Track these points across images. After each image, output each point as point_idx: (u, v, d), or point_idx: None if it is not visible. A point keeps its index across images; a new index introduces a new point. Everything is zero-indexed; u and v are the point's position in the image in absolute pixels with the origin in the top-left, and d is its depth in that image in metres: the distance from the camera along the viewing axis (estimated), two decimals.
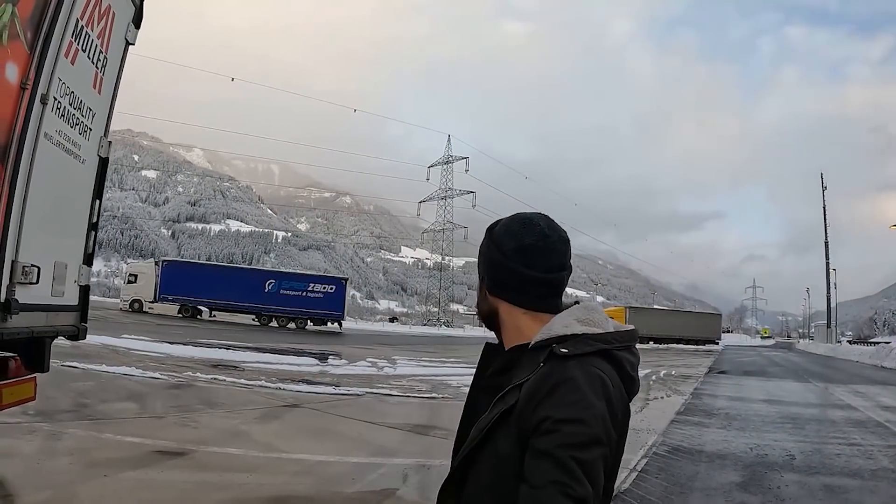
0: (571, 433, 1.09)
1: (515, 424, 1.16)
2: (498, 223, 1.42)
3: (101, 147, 4.59)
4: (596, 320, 1.29)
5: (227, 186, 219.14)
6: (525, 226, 1.36)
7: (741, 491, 5.93)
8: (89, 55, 4.18)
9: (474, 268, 1.45)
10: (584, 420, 1.10)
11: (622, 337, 1.28)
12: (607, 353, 1.24)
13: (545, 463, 1.08)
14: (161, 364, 11.75)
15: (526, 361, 1.25)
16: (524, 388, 1.18)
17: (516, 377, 1.23)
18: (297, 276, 48.91)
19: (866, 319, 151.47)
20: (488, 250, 1.40)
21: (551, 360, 1.20)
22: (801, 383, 19.92)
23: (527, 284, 1.33)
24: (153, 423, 6.58)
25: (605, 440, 1.12)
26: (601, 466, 1.10)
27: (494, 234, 1.40)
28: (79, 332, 4.49)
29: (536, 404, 1.14)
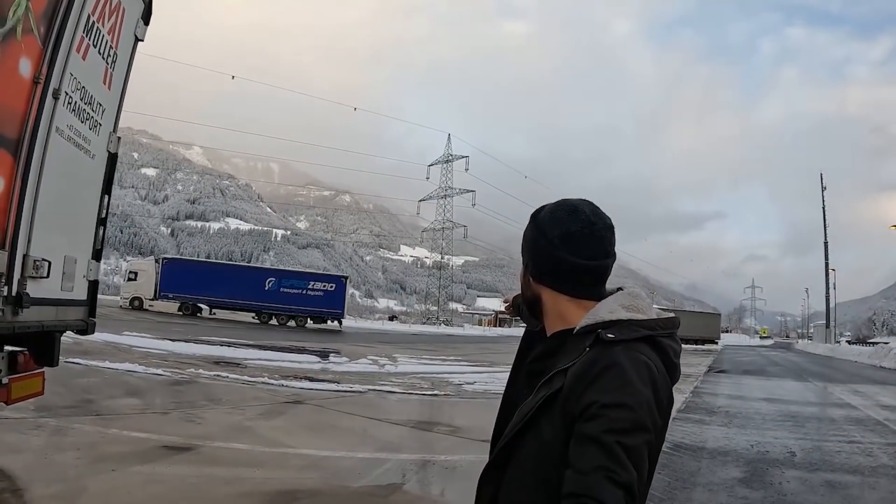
0: (617, 418, 1.09)
1: (560, 409, 1.16)
2: (542, 209, 1.42)
3: (110, 142, 4.61)
4: (640, 307, 1.30)
5: (226, 184, 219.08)
6: (571, 213, 1.35)
7: (743, 486, 5.97)
8: (100, 50, 4.20)
9: (474, 267, 1.45)
10: (629, 405, 1.11)
11: (666, 324, 1.29)
12: (652, 340, 1.25)
13: (591, 448, 1.08)
14: (163, 361, 11.77)
15: (570, 347, 1.26)
16: (570, 372, 1.18)
17: (560, 362, 1.23)
18: (298, 274, 48.83)
19: (865, 320, 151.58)
20: (533, 237, 1.40)
21: (597, 345, 1.20)
22: (801, 382, 19.94)
23: (571, 271, 1.33)
24: (158, 418, 6.60)
25: (651, 426, 1.13)
26: (646, 452, 1.11)
27: (539, 221, 1.40)
28: (87, 326, 4.53)
29: (583, 389, 1.14)
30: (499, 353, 25.76)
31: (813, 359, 40.76)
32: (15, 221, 3.46)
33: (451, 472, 5.85)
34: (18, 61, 3.34)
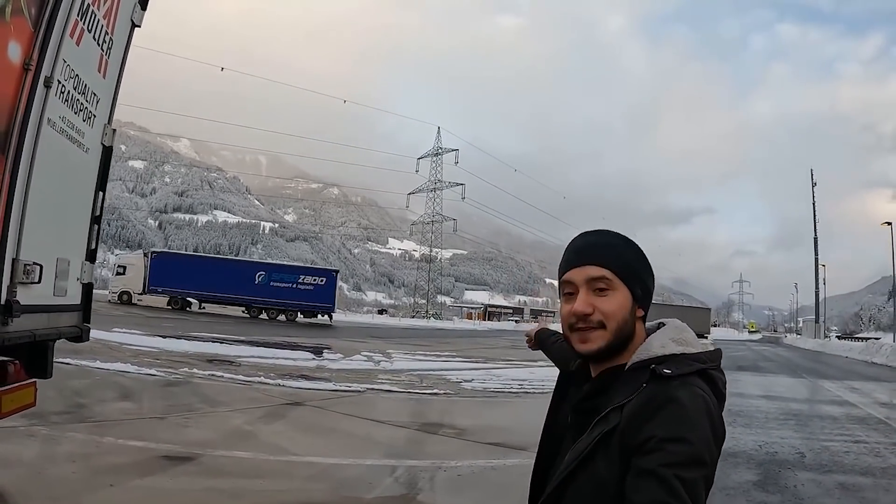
0: (676, 452, 1.07)
1: (617, 445, 1.14)
2: (616, 234, 1.36)
3: (104, 135, 4.32)
4: (688, 340, 1.27)
5: (214, 177, 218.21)
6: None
7: (759, 490, 5.86)
8: (95, 36, 3.91)
9: (462, 260, 1.23)
10: (688, 440, 1.08)
11: (714, 356, 1.27)
12: (704, 373, 1.22)
13: (649, 482, 1.06)
14: (155, 359, 11.49)
15: (623, 383, 1.22)
16: (627, 408, 1.16)
17: (614, 399, 1.20)
18: (288, 267, 48.62)
19: (852, 315, 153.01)
20: (641, 258, 1.34)
21: (654, 380, 1.18)
22: (796, 379, 19.90)
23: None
24: (155, 424, 6.31)
25: (709, 460, 1.10)
26: (703, 486, 1.08)
27: (633, 242, 1.36)
28: (82, 333, 4.24)
29: (640, 424, 1.12)
30: (492, 349, 25.65)
31: (803, 354, 40.99)
32: (3, 222, 3.16)
33: (464, 480, 5.62)
34: (7, 45, 3.05)
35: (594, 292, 1.26)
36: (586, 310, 1.25)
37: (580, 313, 1.25)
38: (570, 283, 1.29)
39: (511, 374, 14.86)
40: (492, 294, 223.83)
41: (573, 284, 1.29)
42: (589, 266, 1.28)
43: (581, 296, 1.26)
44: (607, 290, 1.26)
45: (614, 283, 1.27)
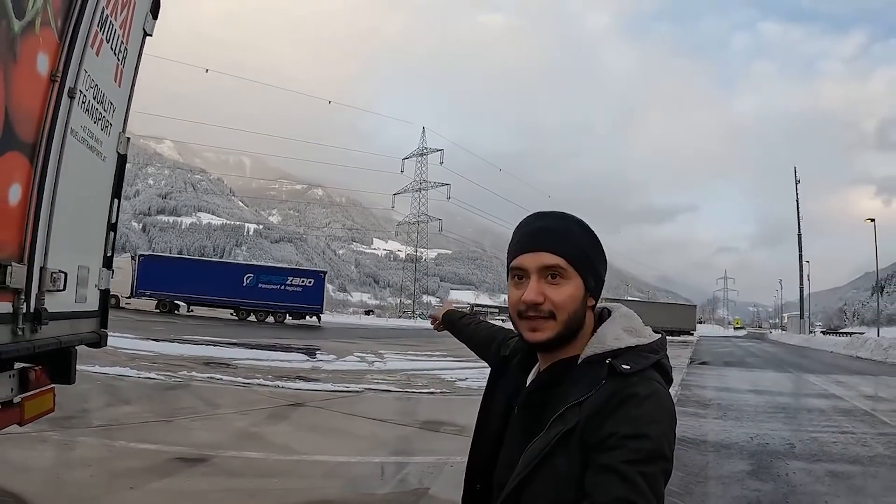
0: (638, 448, 1.06)
1: (578, 443, 1.11)
2: (574, 217, 1.30)
3: (119, 143, 4.41)
4: (639, 329, 1.26)
5: (197, 179, 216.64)
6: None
7: (753, 478, 6.09)
8: (112, 46, 3.99)
9: (447, 259, 1.30)
10: (649, 435, 1.07)
11: (662, 345, 1.26)
12: (658, 364, 1.20)
13: (611, 479, 1.04)
14: (153, 363, 11.49)
15: (578, 377, 1.19)
16: (586, 405, 1.13)
17: (570, 394, 1.16)
18: (276, 269, 48.46)
19: (836, 310, 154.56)
20: (596, 244, 1.29)
21: (613, 376, 1.15)
22: (783, 373, 20.29)
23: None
24: (163, 427, 6.38)
25: (669, 453, 1.10)
26: (663, 479, 1.08)
27: (589, 228, 1.30)
28: (100, 338, 4.31)
29: (602, 421, 1.10)
30: None
31: (789, 349, 41.56)
32: (32, 231, 3.25)
33: None
34: (36, 57, 3.13)
35: (546, 280, 1.21)
36: (537, 299, 1.20)
37: (531, 302, 1.20)
38: (521, 268, 1.23)
39: None
40: (477, 293, 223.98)
41: (524, 270, 1.23)
42: (543, 252, 1.22)
43: (532, 284, 1.21)
44: (560, 280, 1.21)
45: (568, 273, 1.22)
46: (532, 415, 1.22)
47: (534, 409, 1.23)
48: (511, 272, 1.25)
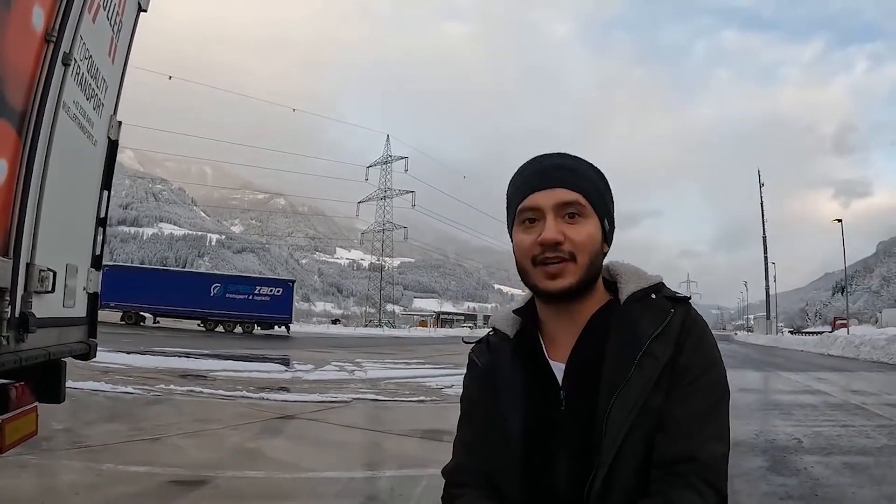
0: (718, 376, 1.11)
1: (668, 375, 1.08)
2: (584, 159, 1.21)
3: (111, 127, 3.93)
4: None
5: (159, 189, 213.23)
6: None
7: (775, 474, 5.94)
8: (108, 15, 3.53)
9: (410, 268, 1.06)
10: (719, 362, 1.14)
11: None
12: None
13: (703, 407, 1.07)
14: (127, 377, 10.83)
15: (642, 311, 1.14)
16: (666, 336, 1.10)
17: (643, 328, 1.11)
18: (244, 279, 47.66)
19: (798, 310, 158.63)
20: (608, 186, 1.22)
21: (678, 304, 1.15)
22: (762, 373, 20.31)
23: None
24: (151, 446, 5.78)
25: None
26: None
27: (599, 169, 1.23)
28: (89, 349, 3.78)
29: (683, 350, 1.09)
30: (457, 354, 25.32)
31: (759, 350, 42.20)
32: (18, 220, 2.73)
33: None
34: (31, 10, 2.65)
35: (563, 219, 1.12)
36: (558, 237, 1.10)
37: (550, 241, 1.10)
38: (535, 208, 1.13)
39: None
40: (441, 301, 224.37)
41: (538, 210, 1.13)
42: (559, 189, 1.13)
43: (550, 223, 1.11)
44: (578, 219, 1.13)
45: (586, 211, 1.13)
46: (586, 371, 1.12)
47: (586, 365, 1.13)
48: (519, 215, 1.16)
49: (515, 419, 1.17)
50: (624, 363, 1.09)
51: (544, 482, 1.15)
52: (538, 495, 1.15)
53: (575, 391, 1.14)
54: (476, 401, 1.26)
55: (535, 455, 1.15)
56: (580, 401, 1.12)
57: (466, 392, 1.32)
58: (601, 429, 1.07)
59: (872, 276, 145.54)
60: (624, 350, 1.10)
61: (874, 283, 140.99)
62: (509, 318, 1.28)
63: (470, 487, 1.23)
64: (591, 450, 1.09)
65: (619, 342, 1.12)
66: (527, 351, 1.22)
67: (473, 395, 1.28)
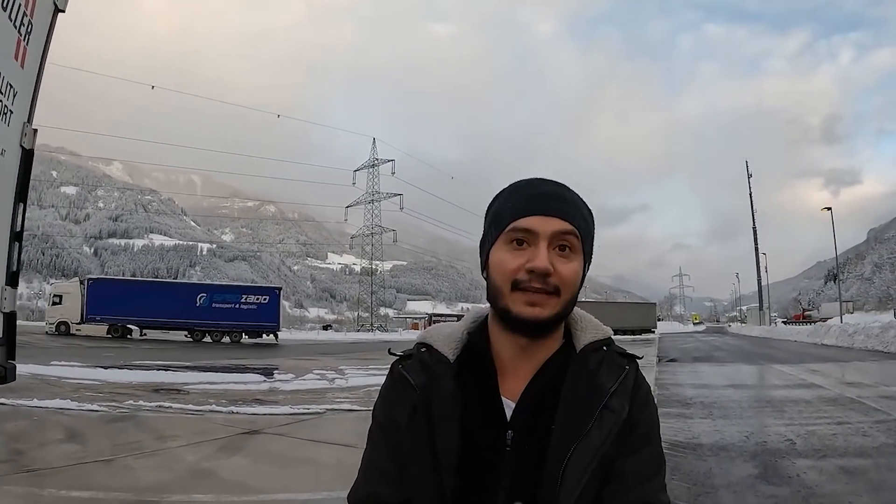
0: (658, 432, 1.18)
1: (619, 430, 1.10)
2: (579, 196, 1.18)
3: (24, 135, 3.66)
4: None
5: (148, 200, 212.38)
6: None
7: (765, 483, 5.61)
8: (10, 15, 3.27)
9: (402, 271, 0.96)
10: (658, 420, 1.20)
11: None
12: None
13: (655, 465, 1.13)
14: (98, 393, 10.48)
15: (598, 364, 1.15)
16: (621, 392, 1.12)
17: (599, 382, 1.12)
18: (229, 287, 47.32)
19: (790, 300, 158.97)
20: (593, 230, 1.19)
21: (632, 361, 1.19)
22: (755, 366, 20.19)
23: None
24: (101, 468, 5.45)
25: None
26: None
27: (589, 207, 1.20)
28: (6, 372, 3.53)
29: (641, 409, 1.14)
30: None
31: (753, 341, 42.06)
32: None
33: None
34: None
35: (554, 250, 1.09)
36: (549, 268, 1.07)
37: (542, 270, 1.06)
38: (529, 231, 1.09)
39: None
40: (434, 303, 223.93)
41: (532, 234, 1.09)
42: (557, 219, 1.10)
43: (542, 251, 1.07)
44: (569, 253, 1.10)
45: (576, 248, 1.11)
46: (541, 413, 1.10)
47: (539, 410, 1.11)
48: (508, 234, 1.11)
49: (449, 453, 1.09)
50: (583, 414, 1.09)
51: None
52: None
53: (524, 432, 1.11)
54: (401, 424, 1.15)
55: (470, 495, 1.09)
56: (528, 444, 1.10)
57: (386, 411, 1.20)
58: (555, 477, 1.05)
59: (864, 264, 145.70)
60: (582, 400, 1.10)
61: (866, 270, 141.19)
62: (453, 339, 1.20)
63: None
64: (537, 497, 1.07)
65: (576, 390, 1.11)
66: (472, 379, 1.15)
67: (396, 416, 1.16)
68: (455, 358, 1.17)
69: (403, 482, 1.14)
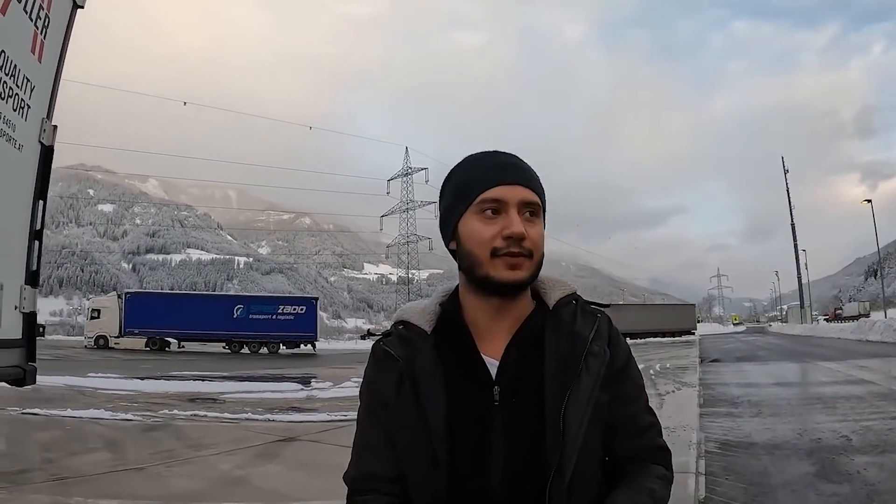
0: (638, 372, 1.29)
1: (605, 372, 1.18)
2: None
3: (43, 131, 3.57)
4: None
5: (184, 215, 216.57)
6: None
7: (824, 481, 5.29)
8: (25, 8, 3.17)
9: (439, 279, 0.84)
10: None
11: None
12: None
13: (642, 401, 1.25)
14: (133, 403, 10.49)
15: (572, 315, 1.22)
16: (600, 337, 1.20)
17: (579, 331, 1.20)
18: (266, 299, 47.77)
19: (831, 298, 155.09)
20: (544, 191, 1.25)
21: (602, 309, 1.27)
22: (800, 363, 19.60)
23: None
24: (131, 476, 5.34)
25: None
26: None
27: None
28: (25, 374, 3.41)
29: (617, 351, 1.22)
30: None
31: (795, 340, 40.96)
32: None
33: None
34: None
35: (523, 216, 1.15)
36: (524, 233, 1.13)
37: (519, 235, 1.13)
38: (499, 200, 1.15)
39: None
40: None
41: (503, 203, 1.15)
42: (521, 187, 1.17)
43: (515, 217, 1.14)
44: (535, 219, 1.18)
45: (540, 213, 1.20)
46: (528, 366, 1.16)
47: (524, 364, 1.17)
48: (479, 205, 1.16)
49: (438, 417, 1.13)
50: (570, 362, 1.15)
51: (475, 484, 1.12)
52: (468, 498, 1.11)
53: (511, 387, 1.15)
54: (386, 399, 1.19)
55: (464, 456, 1.12)
56: (517, 397, 1.14)
57: (372, 389, 1.24)
58: (556, 427, 1.10)
59: None
60: (566, 349, 1.16)
61: None
62: (426, 313, 1.25)
63: (378, 494, 1.18)
64: (536, 448, 1.11)
65: (559, 342, 1.18)
66: (451, 345, 1.20)
67: (383, 392, 1.20)
68: (432, 330, 1.22)
69: (395, 458, 1.17)
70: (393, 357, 1.20)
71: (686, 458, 5.66)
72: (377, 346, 1.26)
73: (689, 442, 6.68)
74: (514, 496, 1.10)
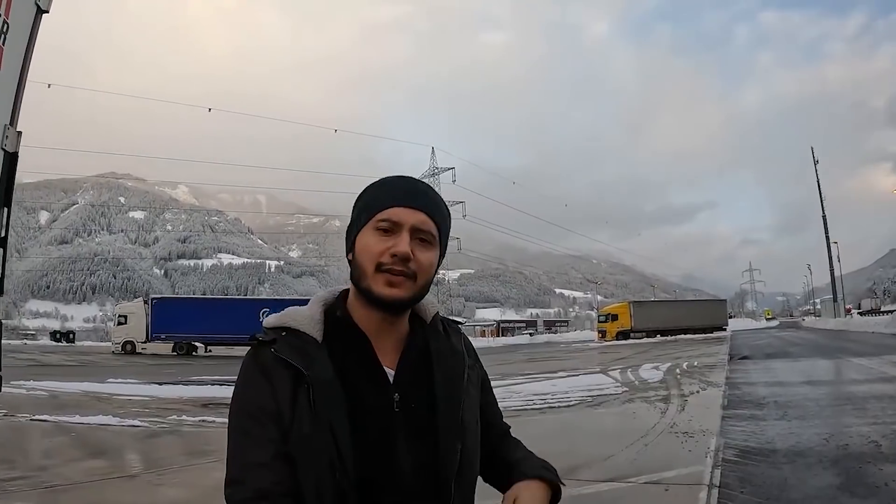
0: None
1: (481, 382, 1.40)
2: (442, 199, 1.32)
3: (5, 138, 3.47)
4: None
5: (215, 220, 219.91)
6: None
7: (848, 495, 4.87)
8: None
9: (470, 279, 0.65)
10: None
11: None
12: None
13: (496, 409, 1.47)
14: (144, 409, 10.51)
15: (447, 333, 1.35)
16: (470, 350, 1.37)
17: (455, 348, 1.33)
18: (292, 302, 47.87)
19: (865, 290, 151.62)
20: (449, 223, 1.33)
21: (460, 325, 1.43)
22: (832, 360, 18.87)
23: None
24: (121, 484, 5.24)
25: None
26: None
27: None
28: None
29: (475, 355, 1.40)
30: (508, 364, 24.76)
31: (828, 334, 39.78)
32: None
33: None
34: None
35: (416, 240, 1.21)
36: (409, 254, 1.19)
37: (403, 255, 1.18)
38: (395, 221, 1.21)
39: (531, 389, 13.80)
40: (503, 310, 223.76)
41: (397, 224, 1.21)
42: (420, 212, 1.22)
43: (405, 238, 1.19)
44: (427, 245, 1.23)
45: (434, 242, 1.24)
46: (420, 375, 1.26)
47: (417, 371, 1.26)
48: (376, 221, 1.22)
49: (342, 422, 1.15)
50: (457, 373, 1.30)
51: (385, 479, 1.17)
52: (379, 493, 1.15)
53: (409, 394, 1.23)
54: (280, 410, 1.15)
55: (372, 454, 1.16)
56: (415, 402, 1.23)
57: (261, 400, 1.17)
58: (457, 429, 1.24)
59: None
60: (449, 361, 1.30)
61: None
62: (314, 321, 1.25)
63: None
64: (437, 446, 1.21)
65: (441, 353, 1.30)
66: (348, 352, 1.23)
67: (274, 404, 1.16)
68: (322, 339, 1.23)
69: (288, 472, 1.14)
70: (288, 364, 1.17)
71: (701, 467, 5.43)
72: (264, 354, 1.20)
73: (707, 449, 6.40)
74: (424, 486, 1.19)
